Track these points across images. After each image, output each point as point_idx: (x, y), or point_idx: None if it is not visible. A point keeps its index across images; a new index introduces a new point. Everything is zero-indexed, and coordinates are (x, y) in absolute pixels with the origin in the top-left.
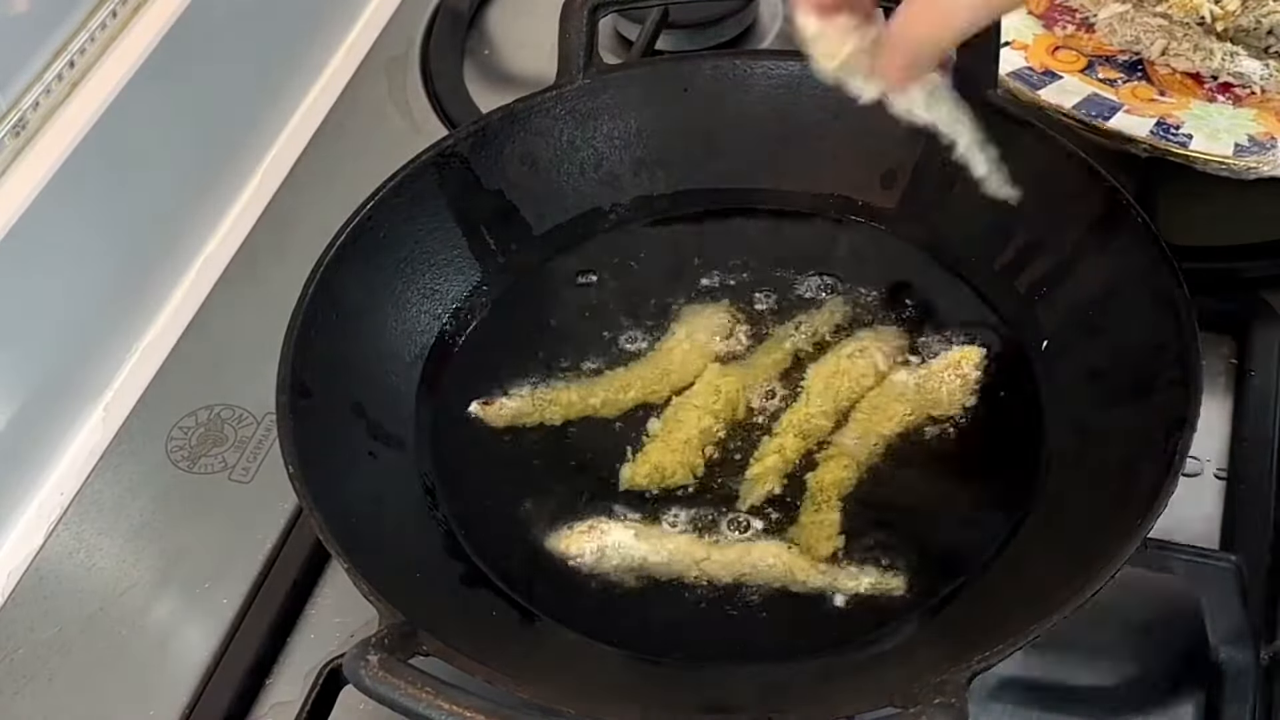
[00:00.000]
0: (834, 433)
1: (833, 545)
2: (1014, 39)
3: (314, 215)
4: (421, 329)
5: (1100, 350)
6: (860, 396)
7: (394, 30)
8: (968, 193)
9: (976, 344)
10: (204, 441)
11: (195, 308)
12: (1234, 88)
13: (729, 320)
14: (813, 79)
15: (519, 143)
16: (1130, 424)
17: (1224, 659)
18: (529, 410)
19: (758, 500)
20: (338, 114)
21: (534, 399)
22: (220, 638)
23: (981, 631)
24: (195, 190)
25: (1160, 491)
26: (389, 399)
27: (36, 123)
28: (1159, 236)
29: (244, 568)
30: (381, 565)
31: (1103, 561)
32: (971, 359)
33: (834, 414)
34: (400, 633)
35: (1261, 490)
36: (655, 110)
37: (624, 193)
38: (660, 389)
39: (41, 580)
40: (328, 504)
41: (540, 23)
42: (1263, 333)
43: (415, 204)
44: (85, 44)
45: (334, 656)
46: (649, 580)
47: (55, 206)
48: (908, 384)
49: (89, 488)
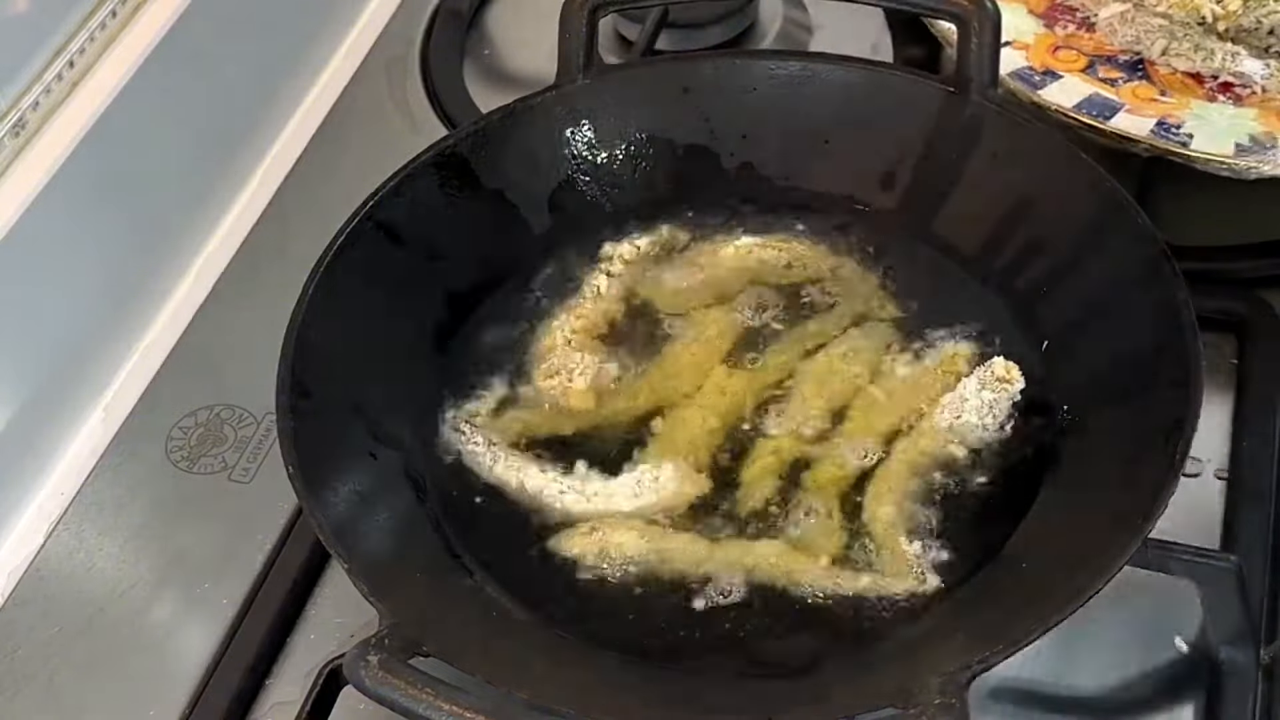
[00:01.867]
0: (830, 432)
1: (832, 545)
2: (1014, 38)
3: (314, 215)
4: (422, 329)
5: (1100, 351)
6: (854, 395)
7: (394, 30)
8: (968, 193)
9: (974, 343)
10: (204, 442)
11: (195, 308)
12: (1235, 87)
13: (734, 323)
14: (813, 79)
15: (519, 143)
16: (1130, 424)
17: (1224, 659)
18: (539, 422)
19: (757, 502)
20: (338, 114)
21: (543, 412)
22: (220, 638)
23: (982, 631)
24: (195, 190)
25: (1160, 491)
26: (389, 399)
27: (36, 123)
28: (1159, 236)
29: (244, 568)
30: (381, 566)
31: (1103, 561)
32: (965, 355)
33: (828, 414)
34: (400, 633)
35: (1261, 490)
36: (655, 110)
37: (624, 193)
38: (668, 394)
39: (41, 580)
40: (328, 504)
41: (540, 23)
42: (1263, 333)
43: (415, 204)
44: (85, 44)
45: (334, 657)
46: (650, 581)
47: (55, 207)
48: (902, 383)
49: (89, 488)
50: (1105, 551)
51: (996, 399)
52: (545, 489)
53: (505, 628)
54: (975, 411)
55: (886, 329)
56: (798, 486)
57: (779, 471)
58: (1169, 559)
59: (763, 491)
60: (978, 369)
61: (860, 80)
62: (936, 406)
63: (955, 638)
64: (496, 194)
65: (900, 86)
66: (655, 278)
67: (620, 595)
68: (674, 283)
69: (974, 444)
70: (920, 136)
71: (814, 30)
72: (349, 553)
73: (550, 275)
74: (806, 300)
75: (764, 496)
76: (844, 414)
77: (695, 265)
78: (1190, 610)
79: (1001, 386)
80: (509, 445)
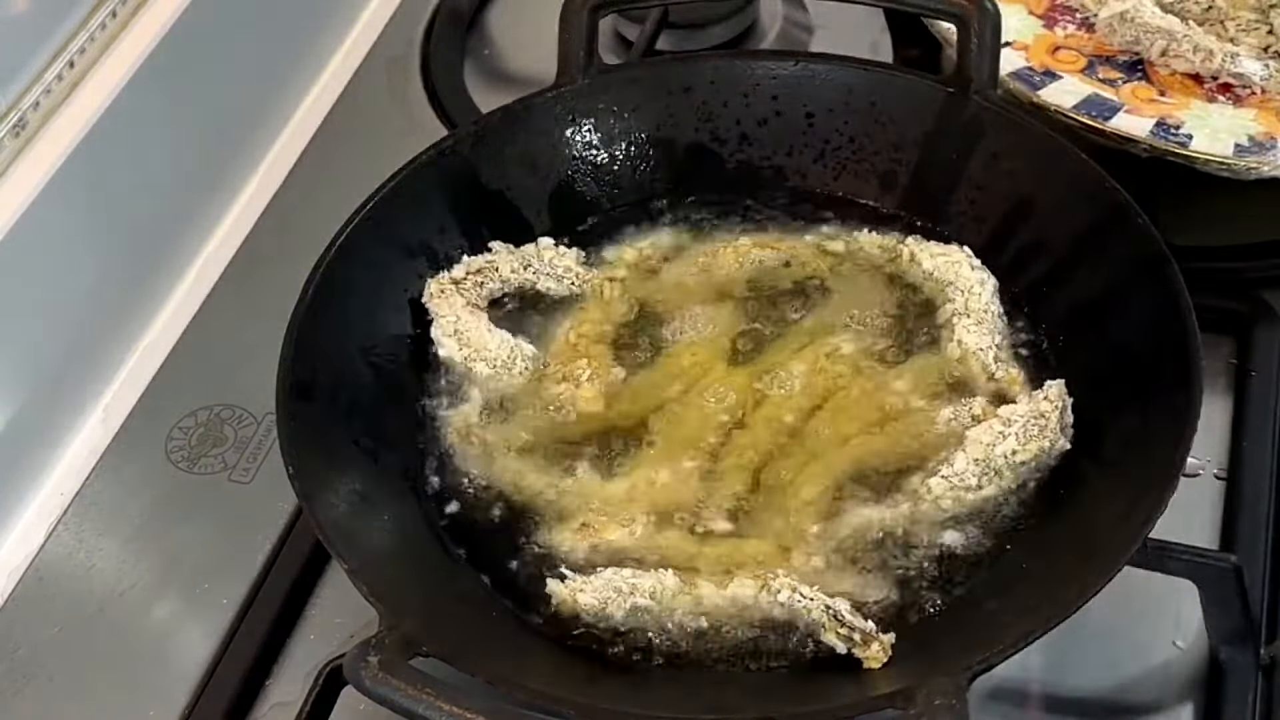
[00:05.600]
0: (820, 430)
1: (820, 544)
2: (1014, 39)
3: (314, 215)
4: (424, 329)
5: (1100, 351)
6: (836, 391)
7: (394, 30)
8: (967, 194)
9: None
10: (204, 442)
11: (195, 308)
12: (1234, 88)
13: (734, 322)
14: (813, 79)
15: (519, 143)
16: (1130, 425)
17: (1224, 659)
18: (542, 424)
19: (733, 500)
20: (338, 114)
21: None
22: (220, 638)
23: (982, 632)
24: (195, 190)
25: (1160, 492)
26: (390, 400)
27: (37, 123)
28: (1159, 237)
29: (244, 568)
30: (381, 566)
31: (1103, 561)
32: (954, 356)
33: (809, 412)
34: (400, 634)
35: (1261, 491)
36: (656, 111)
37: (624, 193)
38: (669, 394)
39: (41, 581)
40: (327, 505)
41: (540, 23)
42: (1263, 333)
43: (415, 204)
44: (85, 44)
45: (334, 657)
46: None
47: (55, 207)
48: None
49: (89, 488)
50: (1105, 552)
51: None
52: (544, 490)
53: (504, 628)
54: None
55: (885, 328)
56: (784, 485)
57: (753, 469)
58: (1168, 559)
59: (741, 488)
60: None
61: (860, 80)
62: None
63: (956, 638)
64: (497, 194)
65: (900, 87)
66: (656, 278)
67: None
68: (674, 283)
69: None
70: (920, 137)
71: (814, 30)
72: (349, 553)
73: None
74: (806, 299)
75: (739, 493)
76: (832, 412)
77: (695, 265)
78: (1190, 610)
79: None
80: (508, 447)
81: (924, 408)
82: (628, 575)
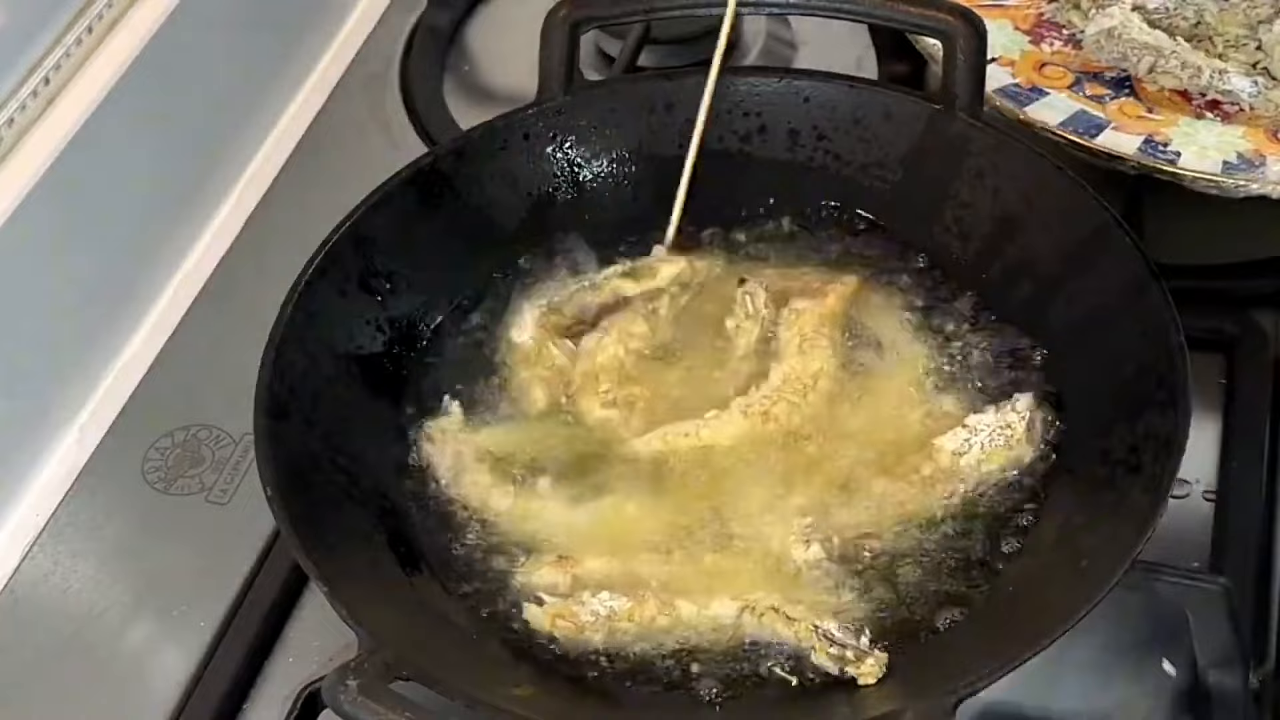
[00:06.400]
0: None
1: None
2: (1001, 55)
3: (292, 233)
4: (402, 348)
5: (1088, 371)
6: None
7: (373, 46)
8: (954, 211)
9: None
10: (181, 462)
11: (172, 327)
12: (1222, 105)
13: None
14: (797, 95)
15: (500, 160)
16: (1119, 446)
17: (1213, 682)
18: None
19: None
20: (316, 131)
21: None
22: (197, 661)
23: (969, 655)
24: (172, 208)
25: (1149, 514)
26: (370, 420)
27: (11, 140)
28: (1147, 255)
29: (221, 590)
30: (361, 589)
31: (1092, 584)
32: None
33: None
34: (380, 657)
35: (1250, 512)
36: (637, 127)
37: (607, 210)
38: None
39: (17, 603)
40: (306, 526)
41: (521, 39)
42: (1252, 352)
43: (395, 221)
44: (60, 60)
45: (313, 680)
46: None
47: (30, 224)
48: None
49: (64, 510)
50: (1094, 574)
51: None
52: (527, 517)
53: (485, 651)
54: (979, 446)
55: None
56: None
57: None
58: (1157, 581)
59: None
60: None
61: (845, 97)
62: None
63: (942, 661)
64: (477, 211)
65: (885, 103)
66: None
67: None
68: (662, 302)
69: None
70: (905, 154)
71: (798, 46)
72: (328, 575)
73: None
74: (793, 313)
75: (704, 513)
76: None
77: (681, 282)
78: (1179, 632)
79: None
80: (495, 469)
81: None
82: (606, 599)
